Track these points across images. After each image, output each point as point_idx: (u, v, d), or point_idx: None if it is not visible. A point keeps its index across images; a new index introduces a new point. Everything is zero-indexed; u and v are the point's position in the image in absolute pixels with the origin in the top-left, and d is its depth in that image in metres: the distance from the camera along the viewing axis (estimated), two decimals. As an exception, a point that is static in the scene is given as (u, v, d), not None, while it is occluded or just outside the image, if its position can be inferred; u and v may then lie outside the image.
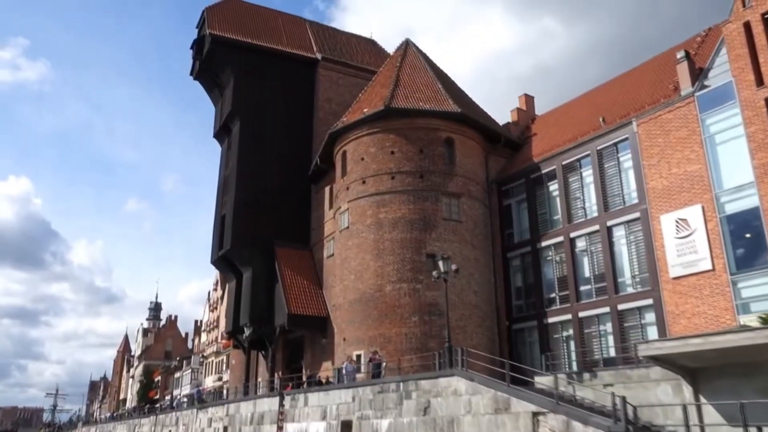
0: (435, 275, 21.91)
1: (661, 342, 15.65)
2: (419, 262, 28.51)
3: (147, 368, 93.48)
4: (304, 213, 38.53)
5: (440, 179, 30.06)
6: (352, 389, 20.38)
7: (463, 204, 30.31)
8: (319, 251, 37.03)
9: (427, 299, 27.99)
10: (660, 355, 15.07)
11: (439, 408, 17.03)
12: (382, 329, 27.86)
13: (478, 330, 28.83)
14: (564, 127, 31.33)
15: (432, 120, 30.82)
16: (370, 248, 29.31)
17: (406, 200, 29.48)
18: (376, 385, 19.46)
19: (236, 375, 43.89)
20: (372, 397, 19.40)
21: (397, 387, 18.63)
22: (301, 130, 39.74)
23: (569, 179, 28.82)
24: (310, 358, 35.82)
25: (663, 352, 14.89)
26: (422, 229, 29.02)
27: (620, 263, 25.91)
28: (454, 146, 30.93)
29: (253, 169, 37.74)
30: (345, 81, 41.99)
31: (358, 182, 30.83)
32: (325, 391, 21.84)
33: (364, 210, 30.10)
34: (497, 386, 15.64)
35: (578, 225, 27.79)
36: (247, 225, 36.61)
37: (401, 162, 30.09)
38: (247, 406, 27.16)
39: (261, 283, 36.08)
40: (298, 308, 33.87)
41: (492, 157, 33.30)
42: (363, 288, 28.93)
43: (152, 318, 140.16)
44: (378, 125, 30.91)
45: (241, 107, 38.71)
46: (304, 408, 22.68)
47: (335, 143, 33.48)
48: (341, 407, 20.67)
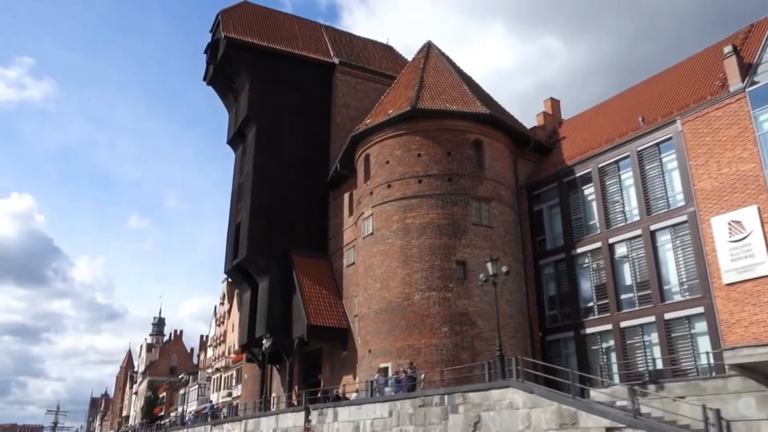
0: (482, 278, 20.43)
1: (752, 349, 14.16)
2: (449, 270, 27.06)
3: (151, 384, 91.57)
4: (321, 221, 37.16)
5: (469, 183, 28.69)
6: (389, 403, 18.83)
7: (494, 209, 28.91)
8: (338, 260, 35.59)
9: (458, 308, 26.50)
10: (749, 363, 13.58)
11: (491, 423, 15.50)
12: (410, 340, 26.33)
13: (511, 341, 27.25)
14: (598, 130, 30.01)
15: (460, 122, 29.52)
16: (396, 255, 27.87)
17: (434, 204, 28.09)
18: (417, 398, 17.93)
19: (249, 390, 42.26)
20: (412, 412, 17.87)
21: (441, 400, 17.10)
22: (317, 135, 38.48)
23: (606, 182, 27.44)
24: (328, 371, 34.26)
25: (754, 360, 13.41)
26: (451, 235, 27.60)
27: (666, 270, 24.47)
28: (482, 149, 29.61)
29: (269, 176, 36.44)
30: (363, 86, 40.82)
31: (382, 186, 29.46)
32: (357, 405, 20.30)
33: (390, 215, 28.70)
34: (561, 398, 14.14)
35: (618, 230, 26.36)
36: (263, 233, 35.23)
37: (428, 165, 28.74)
38: (268, 422, 25.56)
39: (278, 293, 34.61)
40: (318, 319, 32.39)
41: (520, 161, 31.99)
42: (389, 297, 27.44)
43: (155, 333, 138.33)
44: (403, 127, 29.61)
45: (257, 112, 37.49)
46: (333, 423, 21.11)
47: (357, 147, 32.16)
48: (376, 423, 19.12)
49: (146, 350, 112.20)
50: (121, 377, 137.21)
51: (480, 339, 26.25)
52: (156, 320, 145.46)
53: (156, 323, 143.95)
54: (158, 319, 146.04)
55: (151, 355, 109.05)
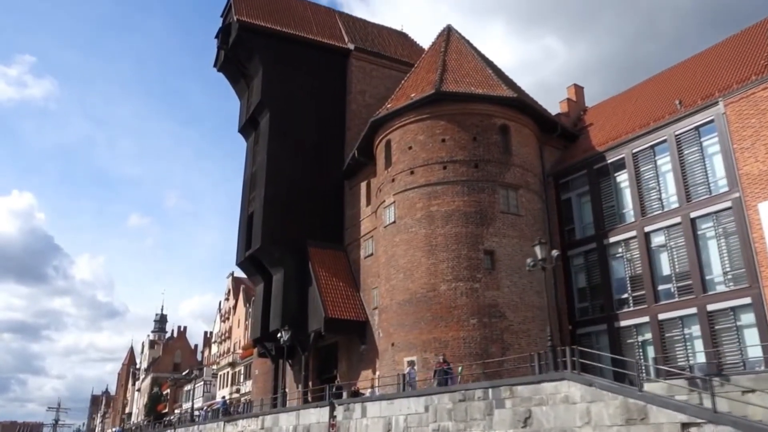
0: (530, 263, 19.16)
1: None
2: (476, 259, 25.83)
3: (155, 381, 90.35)
4: (336, 211, 35.93)
5: (496, 169, 27.46)
6: (424, 397, 17.62)
7: (522, 197, 27.69)
8: (354, 251, 34.37)
9: (487, 300, 25.28)
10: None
11: (544, 419, 14.29)
12: (436, 333, 25.12)
13: (541, 334, 25.96)
14: (629, 115, 28.78)
15: (486, 106, 28.28)
16: (420, 244, 26.64)
17: (460, 191, 26.86)
18: (457, 392, 16.71)
19: (260, 386, 41.07)
20: (451, 407, 16.66)
21: (484, 394, 15.88)
22: (332, 123, 37.24)
23: (641, 169, 26.21)
24: (345, 366, 33.05)
25: None
26: (478, 223, 26.37)
27: (708, 259, 23.25)
28: (509, 134, 28.38)
29: (283, 164, 35.20)
30: (378, 72, 39.56)
31: (405, 173, 28.22)
32: (389, 399, 19.06)
33: (413, 203, 27.47)
34: (627, 391, 12.92)
35: (654, 218, 25.13)
36: (277, 222, 33.99)
37: (453, 150, 27.51)
38: (288, 418, 24.34)
39: (293, 285, 33.38)
40: (336, 312, 31.17)
41: (546, 148, 30.77)
42: (414, 288, 26.23)
43: (158, 330, 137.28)
44: (427, 111, 28.37)
45: (271, 97, 36.22)
46: (361, 420, 19.89)
47: (377, 133, 30.92)
48: (411, 419, 17.91)
49: (149, 347, 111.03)
50: (123, 374, 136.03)
51: (510, 332, 25.06)
52: (158, 317, 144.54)
53: (158, 320, 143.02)
54: (160, 315, 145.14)
55: (154, 352, 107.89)
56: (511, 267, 26.05)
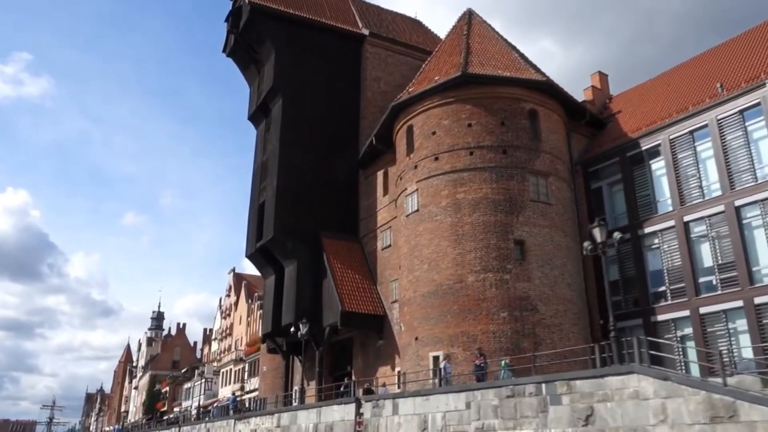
0: (588, 247, 17.78)
1: None
2: (506, 249, 24.53)
3: (153, 378, 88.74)
4: (351, 201, 34.57)
5: (525, 155, 26.16)
6: (465, 393, 16.30)
7: (551, 185, 26.40)
8: (370, 243, 33.03)
9: (518, 292, 23.97)
10: None
11: (610, 416, 12.98)
12: (464, 326, 23.80)
13: (574, 329, 24.81)
14: (663, 100, 27.52)
15: (514, 89, 26.98)
16: (446, 233, 25.32)
17: (488, 178, 25.54)
18: (504, 387, 15.39)
19: (268, 383, 39.66)
20: (497, 403, 15.34)
21: (537, 389, 14.58)
22: (346, 110, 35.88)
23: (679, 155, 24.95)
24: (360, 362, 31.70)
25: None
26: (508, 212, 25.06)
27: (754, 249, 22.00)
28: (537, 119, 27.09)
29: (296, 152, 33.83)
30: (393, 59, 38.20)
31: (429, 159, 26.89)
32: (424, 396, 17.72)
33: (438, 190, 26.15)
34: (711, 386, 11.62)
35: (694, 207, 23.88)
36: (290, 212, 32.61)
37: (480, 135, 26.19)
38: (308, 416, 22.96)
39: (306, 277, 32.01)
40: (353, 305, 29.82)
41: (573, 136, 29.46)
42: (439, 279, 24.90)
43: (155, 327, 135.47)
44: (452, 95, 27.04)
45: (284, 83, 34.83)
46: (392, 417, 18.55)
47: (397, 118, 29.58)
48: (450, 416, 16.59)
49: (147, 344, 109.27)
50: (119, 372, 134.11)
51: (542, 326, 23.76)
52: (155, 314, 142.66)
53: (155, 317, 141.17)
54: (157, 313, 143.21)
55: (152, 349, 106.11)
56: (542, 258, 24.77)
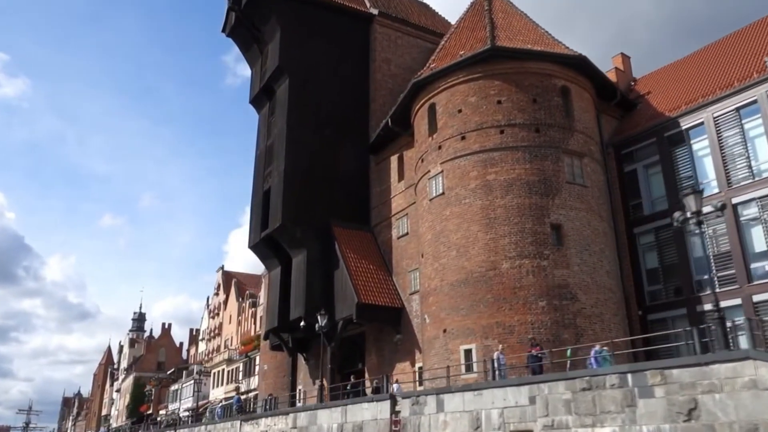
0: (678, 218, 15.99)
1: None
2: (542, 234, 22.76)
3: (138, 380, 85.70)
4: (361, 188, 32.63)
5: (559, 134, 24.45)
6: (529, 386, 14.46)
7: (586, 166, 24.73)
8: (384, 232, 31.10)
9: (556, 279, 22.21)
10: None
11: (719, 410, 11.22)
12: (499, 317, 21.96)
13: (615, 319, 23.11)
14: (702, 78, 26.02)
15: (546, 65, 25.26)
16: (477, 217, 23.49)
17: (520, 158, 23.77)
18: (578, 379, 13.57)
19: (270, 382, 37.49)
20: (570, 397, 13.53)
21: (621, 381, 12.78)
22: (355, 93, 33.98)
23: (723, 134, 23.39)
24: (374, 359, 29.73)
25: None
26: (543, 194, 23.31)
27: (813, 232, 20.47)
28: (570, 97, 25.40)
29: (303, 136, 31.81)
30: (403, 41, 36.33)
31: (454, 139, 25.05)
32: (476, 390, 15.81)
33: (466, 171, 24.31)
34: None
35: (744, 188, 22.34)
36: (299, 199, 30.58)
37: (511, 113, 24.42)
38: (331, 416, 20.92)
39: (316, 268, 29.99)
40: (369, 297, 27.85)
41: (603, 117, 27.82)
42: (470, 266, 23.05)
43: (136, 329, 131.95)
44: (479, 70, 25.24)
45: (290, 62, 32.79)
46: (437, 415, 16.64)
47: (416, 97, 27.71)
48: (509, 413, 14.73)
49: (129, 346, 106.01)
50: (99, 374, 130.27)
51: (583, 316, 22.02)
52: (136, 315, 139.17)
53: (136, 318, 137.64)
54: (139, 314, 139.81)
55: (135, 351, 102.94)
56: (580, 243, 23.06)
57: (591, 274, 22.82)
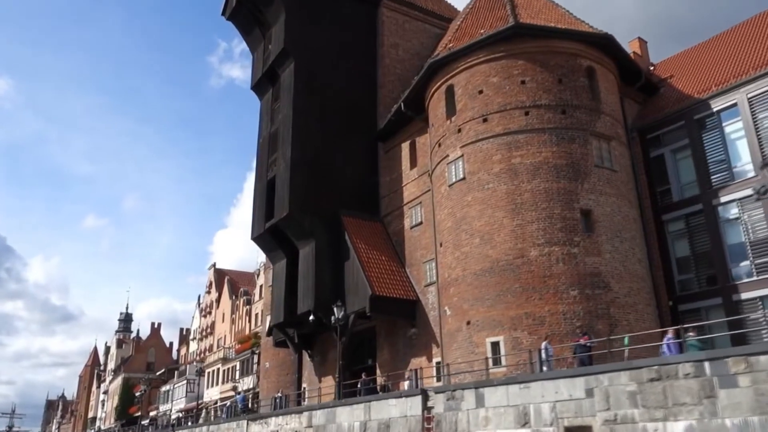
0: (757, 192, 14.81)
1: None
2: (572, 220, 21.58)
3: (127, 381, 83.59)
4: (370, 177, 31.28)
5: (586, 117, 23.29)
6: (585, 378, 13.22)
7: (614, 150, 23.61)
8: (395, 222, 29.77)
9: (588, 268, 21.04)
10: None
11: (819, 399, 10.07)
12: (528, 307, 20.74)
13: (648, 309, 21.98)
14: (732, 58, 24.99)
15: (572, 44, 24.09)
16: (501, 203, 22.25)
17: (547, 141, 22.58)
18: (645, 368, 12.34)
19: (273, 380, 36.04)
20: (635, 389, 12.31)
21: (697, 369, 11.58)
22: (363, 79, 32.61)
23: (759, 115, 22.36)
24: (387, 354, 28.39)
25: None
26: (571, 178, 22.14)
27: None
28: (596, 78, 24.26)
29: (310, 122, 30.40)
30: (412, 25, 35.03)
31: (476, 121, 23.80)
32: (522, 383, 14.53)
33: (489, 155, 23.06)
34: None
35: (783, 171, 21.27)
36: (306, 187, 29.17)
37: (536, 93, 23.21)
38: (353, 413, 19.55)
39: (326, 259, 28.59)
40: (383, 289, 26.51)
41: (625, 101, 26.72)
42: (495, 255, 21.79)
43: (122, 330, 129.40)
44: (501, 49, 24.01)
45: (296, 45, 31.36)
46: (476, 411, 15.35)
47: (432, 79, 26.44)
48: (562, 407, 13.49)
49: (116, 346, 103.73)
50: (85, 376, 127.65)
51: (616, 306, 20.86)
52: (123, 316, 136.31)
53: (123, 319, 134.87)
54: (125, 314, 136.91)
55: (123, 351, 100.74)
56: (611, 230, 21.92)
57: (623, 262, 21.67)
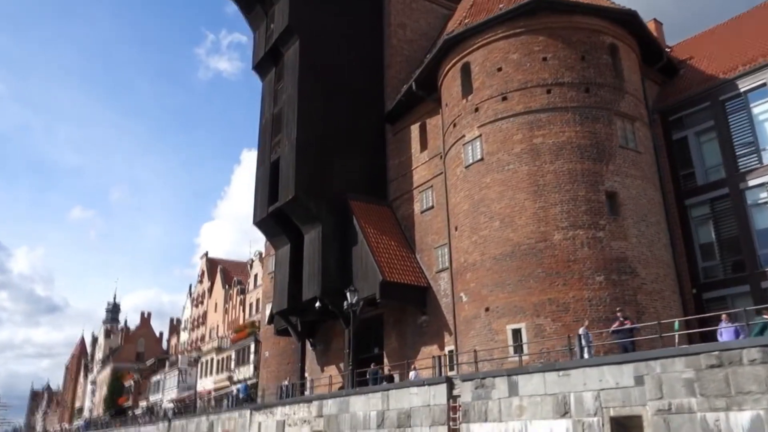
0: None
1: None
2: (597, 202, 20.65)
3: (116, 372, 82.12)
4: (377, 160, 30.22)
5: (610, 95, 22.34)
6: (634, 364, 12.27)
7: (638, 131, 22.69)
8: (404, 206, 28.73)
9: (614, 252, 20.13)
10: None
11: None
12: (552, 293, 19.81)
13: (673, 296, 21.13)
14: (757, 38, 24.10)
15: (595, 19, 23.09)
16: (523, 184, 21.26)
17: (570, 120, 21.60)
18: (704, 354, 11.43)
19: (272, 370, 35.00)
20: (693, 376, 11.42)
21: (765, 355, 10.69)
22: (369, 59, 31.51)
23: (789, 96, 21.52)
24: (395, 342, 27.42)
25: None
26: (596, 159, 21.19)
27: None
28: (618, 57, 23.30)
29: (315, 102, 29.26)
30: (419, 5, 33.87)
31: (494, 99, 22.77)
32: (562, 369, 13.57)
33: (509, 134, 22.05)
34: None
35: (816, 153, 20.48)
36: (312, 169, 28.04)
37: (558, 71, 22.21)
38: (369, 402, 18.55)
39: (332, 244, 27.52)
40: (393, 275, 25.50)
41: (646, 81, 25.78)
42: (516, 238, 20.83)
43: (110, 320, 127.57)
44: (521, 24, 22.95)
45: (300, 22, 30.14)
46: (508, 400, 14.41)
47: (446, 57, 25.36)
48: (607, 395, 12.57)
49: (105, 336, 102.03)
50: (72, 367, 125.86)
51: (643, 292, 20.00)
52: (110, 306, 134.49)
53: (111, 309, 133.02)
54: (113, 305, 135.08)
55: (111, 342, 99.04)
56: (637, 213, 21.03)
57: (649, 247, 20.80)
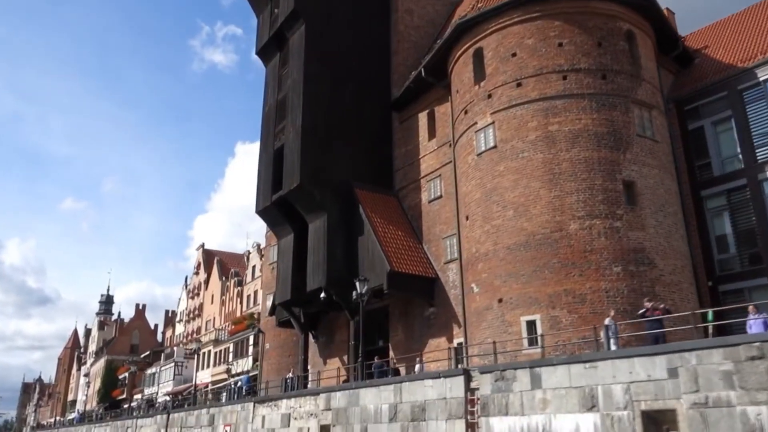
0: None
1: None
2: (614, 191, 20.13)
3: (110, 364, 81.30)
4: (383, 149, 29.63)
5: (627, 83, 21.79)
6: (667, 356, 11.75)
7: (656, 119, 22.17)
8: (411, 196, 28.16)
9: (631, 243, 19.62)
10: None
11: None
12: (568, 284, 19.29)
13: (690, 288, 20.66)
14: None
15: (611, 5, 22.50)
16: (538, 172, 20.71)
17: (587, 107, 21.04)
18: (743, 345, 10.91)
19: (273, 363, 34.37)
20: (732, 368, 10.91)
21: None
22: (376, 46, 30.93)
23: (811, 85, 21.03)
24: (401, 334, 26.88)
25: None
26: (613, 147, 20.65)
27: None
28: (635, 43, 22.75)
29: (321, 88, 28.61)
30: (426, -9, 33.23)
31: (508, 86, 22.18)
32: (588, 361, 13.02)
33: (524, 121, 21.48)
34: None
35: (838, 143, 20.00)
36: (318, 157, 27.41)
37: (575, 57, 21.64)
38: (380, 395, 17.99)
39: (338, 234, 26.92)
40: (401, 265, 24.93)
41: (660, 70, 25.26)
42: (531, 228, 20.28)
43: (103, 312, 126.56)
44: (537, 8, 22.36)
45: (306, 7, 29.44)
46: (529, 393, 13.87)
47: (458, 42, 24.75)
48: (638, 388, 12.05)
49: (98, 328, 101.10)
50: (64, 359, 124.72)
51: (661, 284, 19.50)
52: (104, 297, 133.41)
53: (104, 301, 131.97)
54: (106, 296, 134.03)
55: (104, 333, 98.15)
56: (654, 203, 20.54)
57: (667, 238, 20.30)
